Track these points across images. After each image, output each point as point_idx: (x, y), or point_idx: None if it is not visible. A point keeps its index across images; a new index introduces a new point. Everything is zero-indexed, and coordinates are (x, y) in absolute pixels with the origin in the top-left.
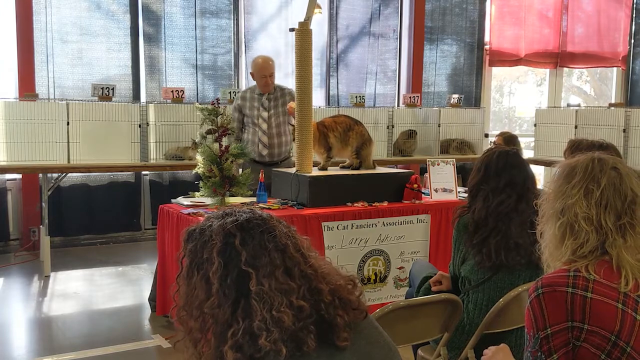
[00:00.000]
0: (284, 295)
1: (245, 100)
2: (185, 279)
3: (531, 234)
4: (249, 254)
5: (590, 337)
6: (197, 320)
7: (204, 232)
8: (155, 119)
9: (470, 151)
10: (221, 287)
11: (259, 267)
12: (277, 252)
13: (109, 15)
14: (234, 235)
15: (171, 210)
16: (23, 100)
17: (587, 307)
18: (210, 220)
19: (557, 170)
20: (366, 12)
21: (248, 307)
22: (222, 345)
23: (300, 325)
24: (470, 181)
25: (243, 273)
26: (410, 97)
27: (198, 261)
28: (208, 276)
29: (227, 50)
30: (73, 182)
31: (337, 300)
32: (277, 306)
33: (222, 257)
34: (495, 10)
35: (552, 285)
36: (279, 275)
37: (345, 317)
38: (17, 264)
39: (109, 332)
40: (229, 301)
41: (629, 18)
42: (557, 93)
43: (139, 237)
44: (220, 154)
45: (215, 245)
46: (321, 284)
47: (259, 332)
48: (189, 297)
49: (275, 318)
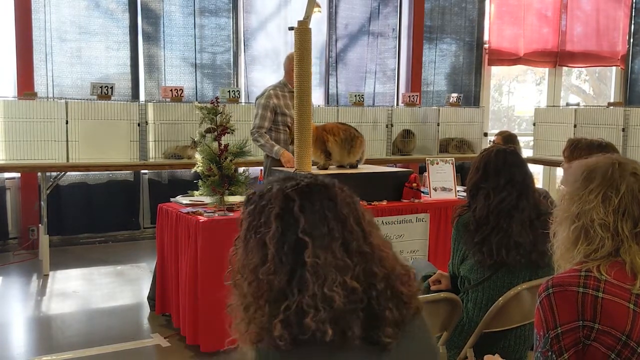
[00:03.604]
0: (339, 272)
1: (280, 99)
2: (242, 242)
3: (531, 233)
4: (307, 221)
5: (601, 337)
6: (251, 285)
7: (263, 195)
8: (154, 118)
9: (469, 150)
10: (277, 253)
11: (316, 236)
12: (336, 222)
13: (107, 14)
14: (292, 200)
15: (170, 209)
16: (22, 99)
17: (598, 307)
18: (270, 183)
19: (575, 170)
20: (365, 11)
21: (303, 279)
22: (273, 315)
23: (350, 308)
24: (469, 180)
25: (300, 241)
26: (410, 96)
27: (256, 224)
28: (265, 241)
29: (226, 49)
30: (72, 181)
31: (389, 290)
32: (329, 283)
33: (279, 222)
34: (495, 9)
35: (562, 285)
36: (336, 249)
37: (394, 311)
38: (15, 262)
39: (107, 331)
40: (285, 269)
41: (628, 17)
42: (556, 92)
43: (137, 236)
44: (219, 152)
45: (274, 209)
46: (376, 267)
47: (307, 309)
48: (245, 260)
49: (326, 296)
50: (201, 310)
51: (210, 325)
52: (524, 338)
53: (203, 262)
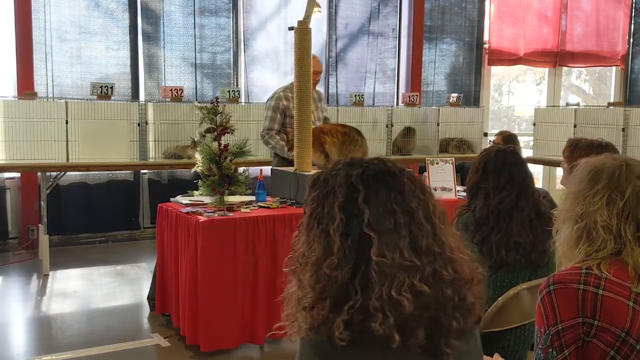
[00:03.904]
0: (407, 273)
1: (290, 101)
2: (305, 230)
3: (530, 233)
4: (373, 214)
5: (600, 334)
6: (312, 277)
7: (327, 181)
8: (154, 118)
9: (469, 150)
10: (342, 246)
11: (381, 232)
12: (404, 216)
13: (107, 13)
14: (357, 190)
15: (170, 209)
16: (22, 99)
17: (598, 304)
18: (337, 167)
19: (581, 169)
20: (365, 11)
21: (367, 276)
22: (335, 313)
23: (417, 314)
24: (469, 180)
25: (364, 236)
26: (410, 96)
27: (319, 213)
28: (328, 232)
29: (226, 49)
30: (72, 181)
31: (456, 296)
32: (397, 285)
33: (343, 213)
34: (495, 9)
35: (563, 282)
36: (404, 248)
37: (460, 321)
38: (15, 262)
39: (107, 330)
40: (349, 264)
41: (627, 17)
42: (556, 92)
43: (137, 236)
44: (219, 152)
45: (338, 199)
46: (445, 270)
47: (374, 312)
48: (308, 250)
49: (394, 300)
50: (201, 310)
51: (210, 325)
52: (523, 338)
53: (203, 262)
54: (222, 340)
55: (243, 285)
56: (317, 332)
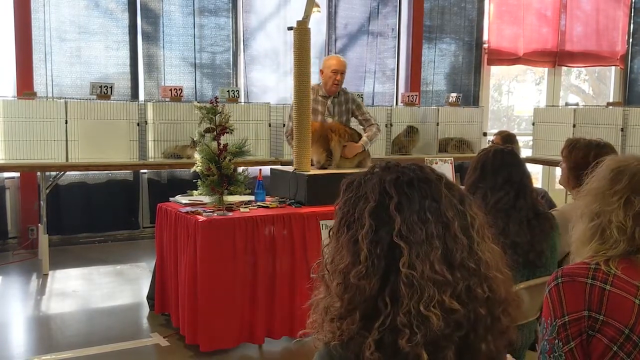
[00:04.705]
0: (437, 288)
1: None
2: (335, 235)
3: (528, 233)
4: (404, 223)
5: (604, 329)
6: (339, 286)
7: (360, 186)
8: (153, 118)
9: (468, 150)
10: (370, 254)
11: (412, 242)
12: (438, 227)
13: (107, 13)
14: (390, 196)
15: (169, 208)
16: (21, 99)
17: (605, 299)
18: (372, 171)
19: (604, 166)
20: (365, 11)
21: (396, 289)
22: (366, 331)
23: (446, 332)
24: (467, 180)
25: (394, 245)
26: (409, 95)
27: (349, 219)
28: (357, 238)
29: (226, 49)
30: (71, 181)
31: (489, 318)
32: (426, 300)
33: (373, 219)
34: (494, 9)
35: (571, 276)
36: (435, 260)
37: (490, 344)
38: (15, 262)
39: (107, 330)
40: (378, 274)
41: (627, 17)
42: (555, 92)
43: (137, 236)
44: (218, 152)
45: (369, 204)
46: (479, 288)
47: (402, 328)
48: (336, 257)
49: (422, 315)
50: (200, 309)
51: (210, 324)
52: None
53: (202, 261)
54: (222, 339)
55: (242, 285)
56: (345, 348)
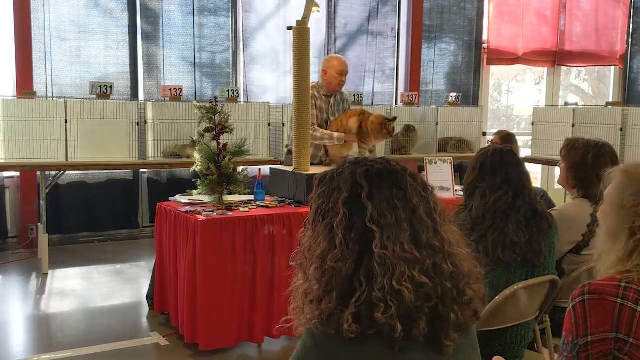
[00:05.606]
0: (407, 265)
1: (316, 100)
2: (310, 225)
3: (527, 233)
4: (375, 209)
5: (633, 352)
6: (317, 270)
7: (333, 179)
8: (153, 117)
9: (468, 149)
10: (345, 239)
11: (384, 226)
12: (405, 212)
13: (107, 13)
14: (361, 186)
15: (169, 208)
16: (21, 98)
17: (635, 321)
18: (343, 166)
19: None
20: (364, 11)
21: (370, 268)
22: (343, 306)
23: (418, 304)
24: (466, 179)
25: (367, 230)
26: (409, 95)
27: (324, 208)
28: (332, 226)
29: (226, 49)
30: (71, 180)
31: (455, 290)
32: (398, 276)
33: (347, 208)
34: (494, 8)
35: (600, 293)
36: (405, 241)
37: (458, 314)
38: (15, 261)
39: (106, 329)
40: (353, 257)
41: (626, 17)
42: (555, 92)
43: (137, 235)
44: (218, 152)
45: (342, 194)
46: (444, 263)
47: (377, 303)
48: (313, 244)
49: (395, 290)
50: (200, 309)
51: (209, 324)
52: (520, 337)
53: (202, 261)
54: (221, 339)
55: (242, 285)
56: (325, 324)
